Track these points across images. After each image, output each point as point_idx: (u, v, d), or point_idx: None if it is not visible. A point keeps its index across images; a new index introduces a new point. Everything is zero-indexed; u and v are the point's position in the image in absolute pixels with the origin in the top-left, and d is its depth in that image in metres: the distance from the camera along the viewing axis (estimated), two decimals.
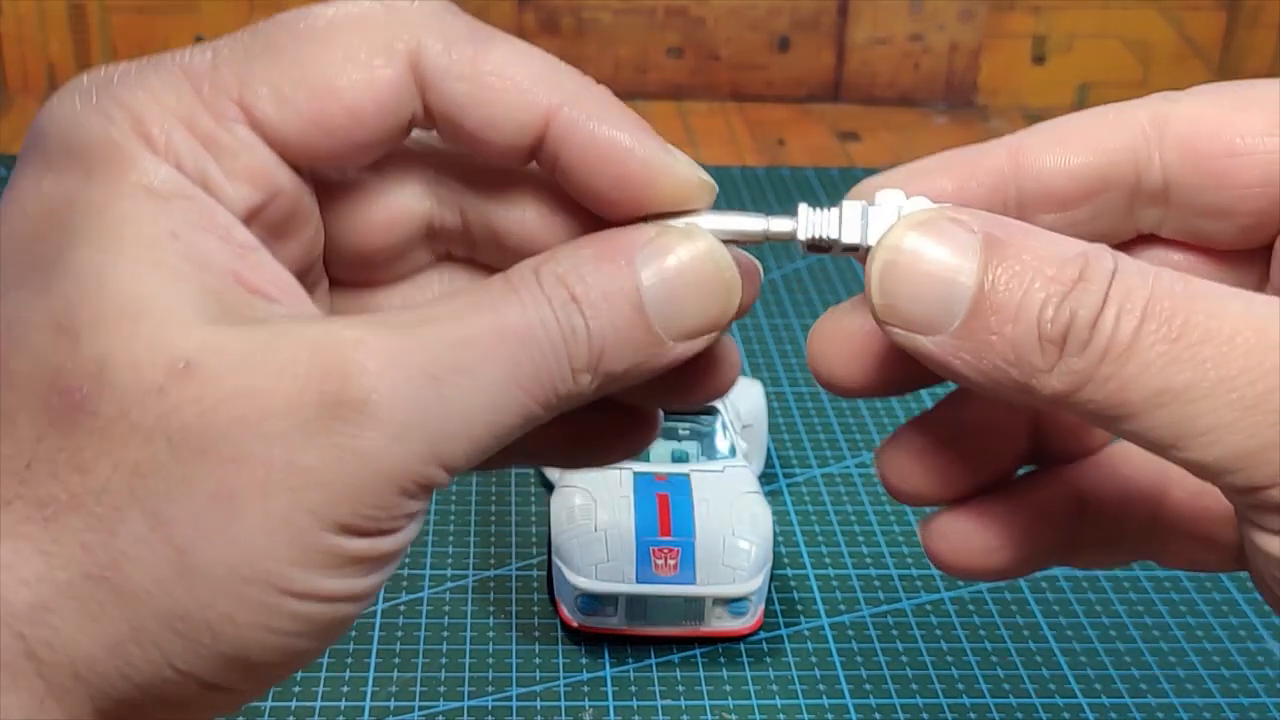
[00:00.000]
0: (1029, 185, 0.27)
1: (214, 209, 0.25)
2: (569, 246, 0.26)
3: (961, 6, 1.04)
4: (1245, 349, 0.23)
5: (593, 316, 0.25)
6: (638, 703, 0.48)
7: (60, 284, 0.24)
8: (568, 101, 0.26)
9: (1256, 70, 1.07)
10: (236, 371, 0.23)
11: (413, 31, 0.26)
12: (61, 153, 0.25)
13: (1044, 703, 0.48)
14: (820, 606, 0.53)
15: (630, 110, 0.27)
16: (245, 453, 0.23)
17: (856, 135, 1.01)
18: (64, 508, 0.23)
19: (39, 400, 0.23)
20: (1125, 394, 0.24)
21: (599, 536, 0.49)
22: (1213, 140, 0.26)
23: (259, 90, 0.25)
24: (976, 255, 0.25)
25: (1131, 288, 0.24)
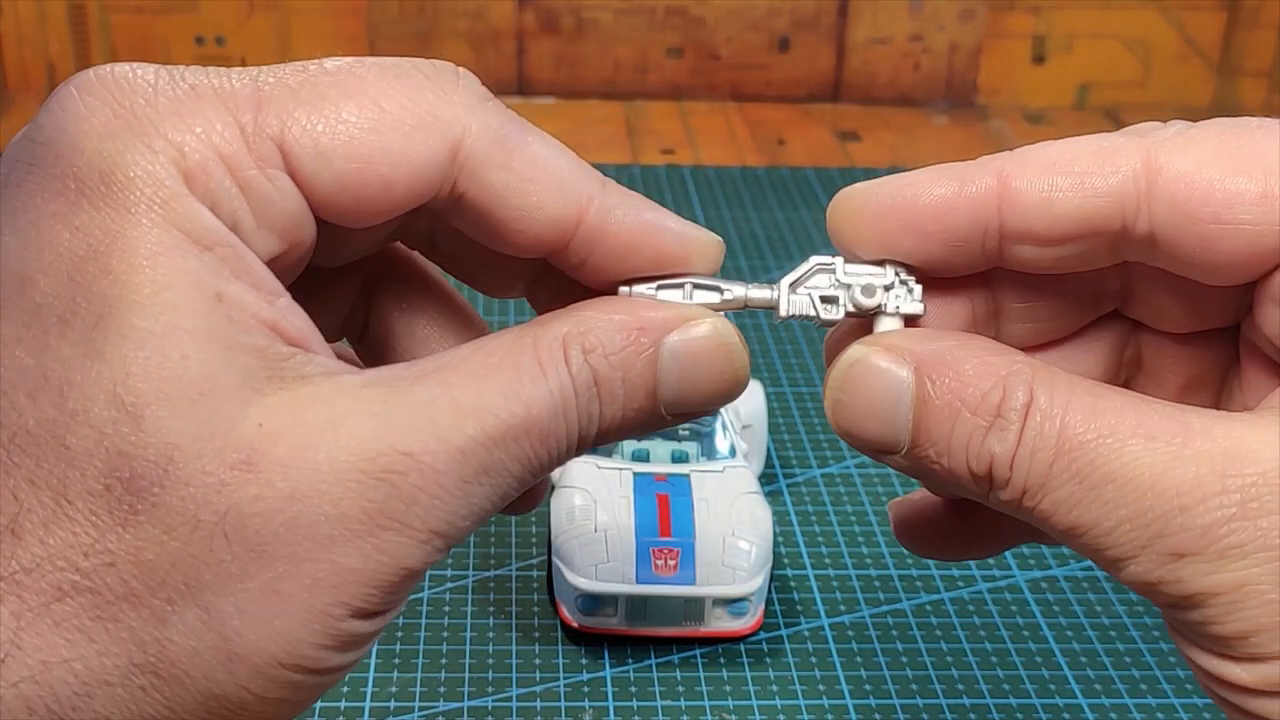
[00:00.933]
0: (1011, 219, 0.27)
1: (246, 256, 0.25)
2: (599, 314, 0.27)
3: (961, 6, 1.04)
4: (1139, 492, 0.25)
5: (609, 402, 0.26)
6: (638, 703, 0.48)
7: (118, 350, 0.23)
8: (597, 194, 0.28)
9: (1256, 70, 1.07)
10: (293, 470, 0.24)
11: (457, 114, 0.26)
12: (99, 181, 0.24)
13: (1044, 703, 0.48)
14: (820, 606, 0.53)
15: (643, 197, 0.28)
16: (297, 554, 0.24)
17: (856, 135, 1.01)
18: (120, 599, 0.23)
19: (99, 483, 0.23)
20: (1050, 522, 0.26)
21: (599, 537, 0.49)
22: (1203, 204, 0.26)
23: (301, 139, 0.25)
24: (911, 389, 0.26)
25: (1044, 425, 0.25)
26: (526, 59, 1.04)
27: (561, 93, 1.05)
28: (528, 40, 1.03)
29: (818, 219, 0.85)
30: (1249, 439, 0.24)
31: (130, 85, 0.25)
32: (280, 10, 1.01)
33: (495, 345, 0.26)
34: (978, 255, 0.28)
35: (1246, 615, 0.24)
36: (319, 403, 0.24)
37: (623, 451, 0.53)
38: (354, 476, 0.24)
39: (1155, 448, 0.25)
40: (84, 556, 0.23)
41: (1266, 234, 0.26)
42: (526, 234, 0.27)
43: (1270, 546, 0.24)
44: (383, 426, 0.24)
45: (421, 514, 0.24)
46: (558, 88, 1.05)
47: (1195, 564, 0.24)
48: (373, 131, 0.26)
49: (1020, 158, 0.28)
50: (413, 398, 0.25)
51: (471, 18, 1.02)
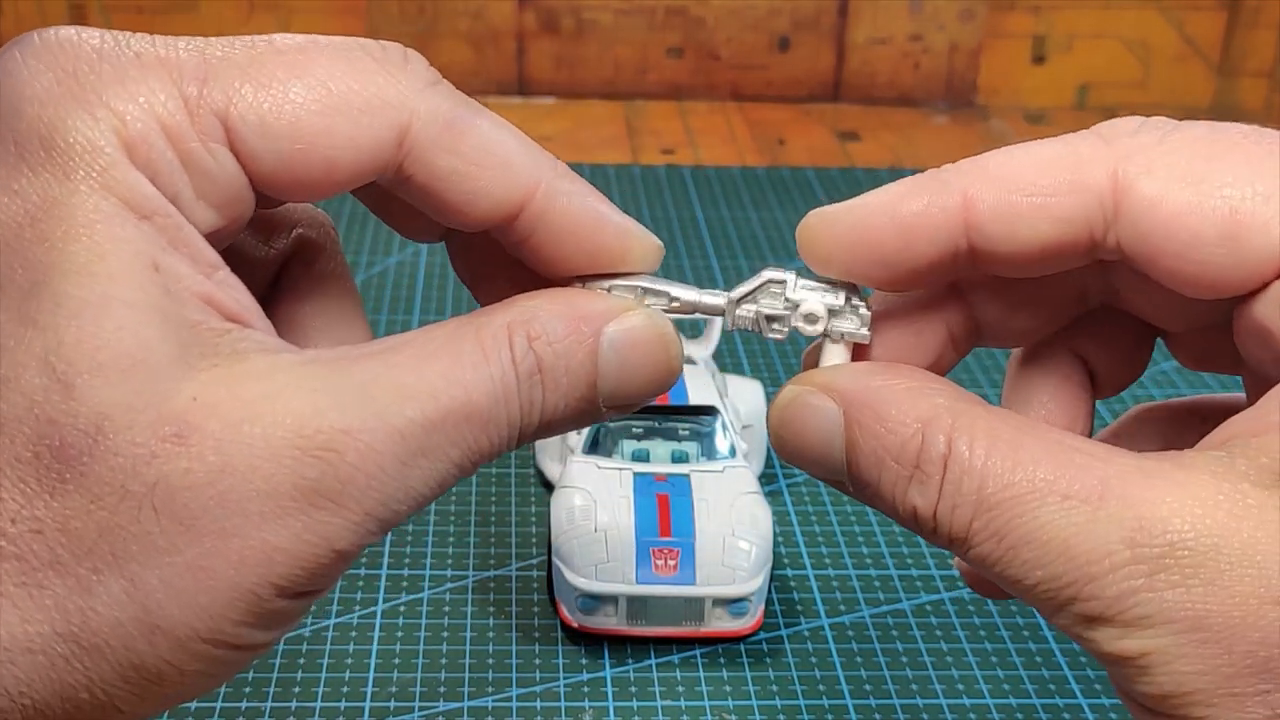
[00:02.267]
0: (979, 242, 0.27)
1: (185, 227, 0.25)
2: (541, 305, 0.27)
3: (961, 6, 1.04)
4: (1053, 556, 0.25)
5: (551, 390, 0.27)
6: (638, 703, 0.48)
7: (51, 317, 0.23)
8: (546, 178, 0.27)
9: (1256, 70, 1.07)
10: (226, 444, 0.24)
11: (405, 98, 0.26)
12: (39, 145, 0.24)
13: (1044, 703, 0.48)
14: (820, 607, 0.53)
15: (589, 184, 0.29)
16: (225, 529, 0.24)
17: (856, 135, 1.01)
18: (44, 565, 0.23)
19: (28, 450, 0.23)
20: (981, 570, 0.26)
21: (599, 537, 0.49)
22: (1167, 239, 0.26)
23: (246, 115, 0.25)
24: (842, 432, 0.27)
25: (964, 481, 0.25)
26: (526, 59, 1.04)
27: (561, 93, 1.05)
28: (528, 40, 1.03)
29: None
30: (1164, 502, 0.24)
31: (75, 50, 0.25)
32: (280, 10, 1.01)
33: (438, 332, 0.26)
34: (947, 272, 0.28)
35: (1153, 681, 0.24)
36: (255, 378, 0.24)
37: (623, 451, 0.53)
38: (288, 453, 0.24)
39: (1069, 509, 0.24)
40: (11, 523, 0.23)
41: (1228, 272, 0.26)
42: (472, 214, 0.27)
43: (1175, 619, 0.24)
44: (321, 403, 0.24)
45: (357, 494, 0.24)
46: (558, 88, 1.05)
47: (1106, 630, 0.24)
48: (319, 113, 0.26)
49: (984, 174, 0.27)
50: (352, 377, 0.25)
51: (471, 18, 1.02)
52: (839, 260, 0.28)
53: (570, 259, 0.28)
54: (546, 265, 0.29)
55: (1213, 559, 0.24)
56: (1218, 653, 0.24)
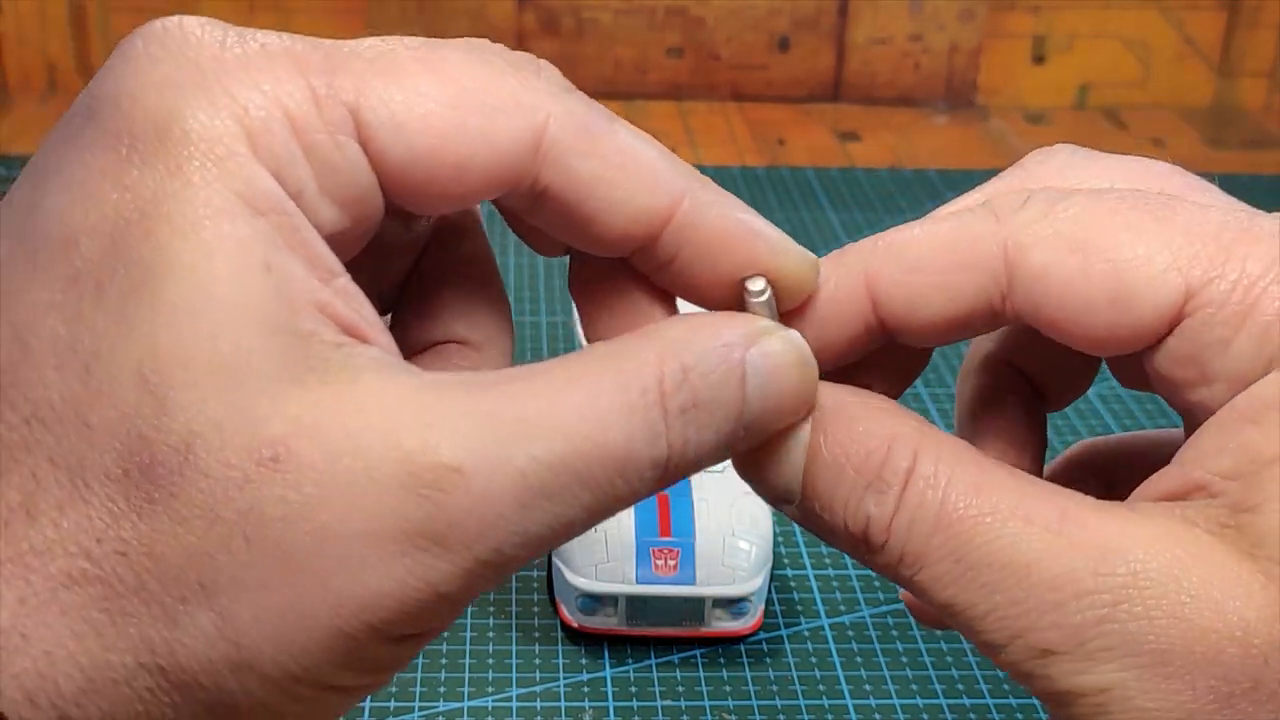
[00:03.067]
0: (888, 321, 0.27)
1: (304, 227, 0.23)
2: (691, 333, 0.25)
3: (961, 6, 1.04)
4: (1014, 579, 0.24)
5: (706, 425, 0.24)
6: (638, 703, 0.48)
7: (147, 322, 0.22)
8: (692, 188, 0.26)
9: (1256, 70, 1.07)
10: (324, 476, 0.22)
11: (540, 99, 0.25)
12: (154, 135, 0.22)
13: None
14: (820, 607, 0.53)
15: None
16: (324, 569, 0.22)
17: (856, 135, 1.01)
18: (129, 591, 0.22)
19: (118, 467, 0.22)
20: (926, 595, 0.25)
21: (599, 537, 0.49)
22: (1058, 308, 0.26)
23: (376, 108, 0.24)
24: (805, 441, 0.26)
25: (927, 494, 0.25)
26: None
27: None
28: (528, 40, 1.03)
29: (817, 219, 0.85)
30: (1124, 532, 0.24)
31: (198, 39, 0.23)
32: (280, 10, 1.01)
33: (575, 361, 0.24)
34: (867, 345, 0.28)
35: (1112, 719, 0.24)
36: (365, 403, 0.22)
37: None
38: (394, 490, 0.22)
39: (1032, 533, 0.24)
40: (96, 543, 0.21)
41: (1120, 331, 0.26)
42: (615, 228, 0.26)
43: (1137, 652, 0.23)
44: (433, 437, 0.22)
45: (467, 539, 0.22)
46: None
47: (1063, 663, 0.24)
48: (452, 108, 0.24)
49: (884, 254, 0.27)
50: (474, 408, 0.22)
51: (471, 18, 1.02)
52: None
53: (723, 281, 0.27)
54: (695, 289, 0.27)
55: (1174, 591, 0.23)
56: (1181, 688, 0.23)
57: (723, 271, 0.27)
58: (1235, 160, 0.99)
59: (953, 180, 0.91)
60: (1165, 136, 1.02)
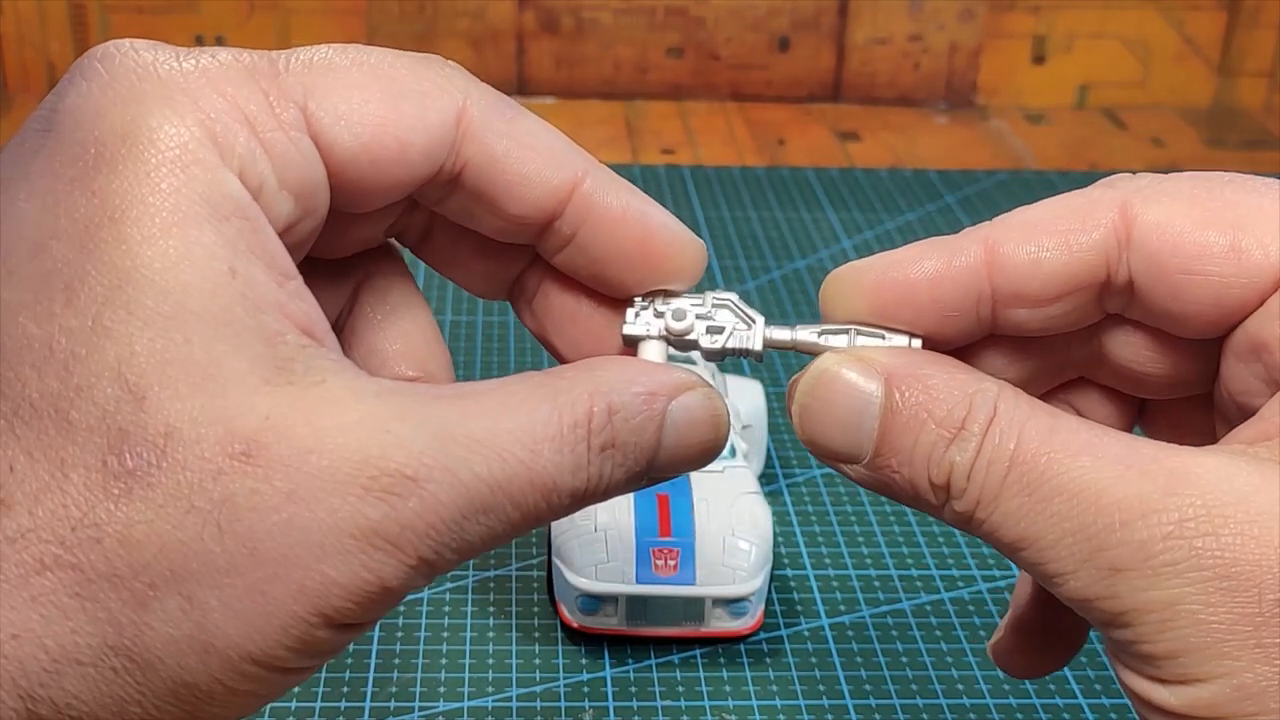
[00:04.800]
0: (1002, 284, 0.28)
1: (264, 229, 0.25)
2: (620, 376, 0.27)
3: (961, 6, 1.04)
4: (1084, 506, 0.25)
5: (619, 464, 0.26)
6: (638, 703, 0.48)
7: (124, 327, 0.23)
8: (591, 170, 0.28)
9: (1256, 70, 1.07)
10: (294, 470, 0.23)
11: (459, 84, 0.27)
12: (120, 143, 0.24)
13: (1044, 703, 0.48)
14: (820, 607, 0.53)
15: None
16: (288, 558, 0.23)
17: (856, 135, 1.01)
18: (101, 578, 0.23)
19: (96, 458, 0.23)
20: (998, 535, 0.26)
21: (599, 537, 0.49)
22: (1173, 256, 0.27)
23: (323, 103, 0.26)
24: (879, 400, 0.27)
25: (1002, 438, 0.26)
26: (526, 59, 1.04)
27: (561, 93, 1.05)
28: (528, 40, 1.03)
29: (817, 219, 0.85)
30: (1194, 464, 0.25)
31: (153, 57, 0.25)
32: (280, 10, 1.01)
33: (515, 387, 0.26)
34: (972, 323, 0.29)
35: (1175, 635, 0.24)
36: (329, 405, 0.24)
37: None
38: (355, 490, 0.24)
39: (1102, 465, 0.25)
40: (71, 530, 0.23)
41: (1232, 285, 0.27)
42: (526, 200, 0.28)
43: (1203, 566, 0.24)
44: (392, 444, 0.24)
45: (414, 539, 0.24)
46: (558, 88, 1.05)
47: (1130, 579, 0.24)
48: (388, 99, 0.26)
49: (1004, 224, 0.28)
50: (426, 420, 0.24)
51: (471, 18, 1.02)
52: (864, 312, 0.29)
53: (617, 257, 0.29)
54: (592, 268, 0.29)
55: (1242, 510, 0.24)
56: (1247, 601, 0.24)
57: (619, 245, 0.29)
58: (1235, 160, 0.99)
59: (953, 180, 0.91)
60: (1165, 136, 1.02)
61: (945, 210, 0.87)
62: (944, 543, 0.57)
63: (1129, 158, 0.97)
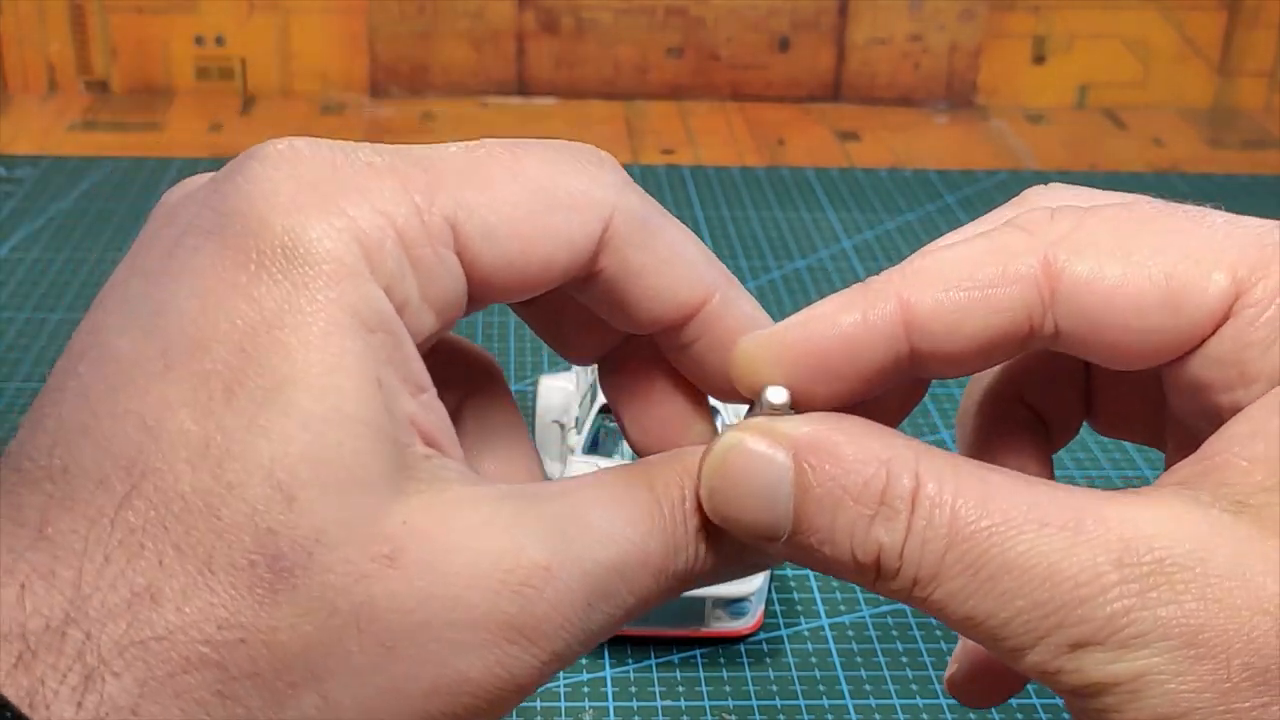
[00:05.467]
0: (920, 343, 0.27)
1: (405, 344, 0.25)
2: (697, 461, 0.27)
3: (961, 6, 1.04)
4: (1035, 582, 0.24)
5: (714, 545, 0.27)
6: (638, 703, 0.48)
7: (280, 427, 0.23)
8: (723, 286, 0.29)
9: (1256, 70, 1.07)
10: (433, 571, 0.24)
11: (607, 195, 0.27)
12: (279, 256, 0.24)
13: (1044, 703, 0.48)
14: (820, 607, 0.53)
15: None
16: (424, 655, 0.24)
17: (856, 135, 1.01)
18: (244, 675, 0.23)
19: (244, 559, 0.23)
20: (944, 613, 0.25)
21: None
22: (1106, 311, 0.26)
23: (472, 218, 0.26)
24: (790, 473, 0.26)
25: (934, 514, 0.25)
26: (526, 59, 1.04)
27: (561, 93, 1.05)
28: (528, 40, 1.03)
29: (817, 219, 0.85)
30: (1142, 521, 0.24)
31: (311, 160, 0.25)
32: (280, 10, 1.01)
33: (613, 479, 0.27)
34: (891, 378, 0.28)
35: (1145, 705, 0.24)
36: (460, 508, 0.25)
37: (623, 452, 0.53)
38: (492, 585, 0.24)
39: (1048, 535, 0.24)
40: (217, 629, 0.23)
41: (1169, 334, 0.26)
42: (652, 313, 0.28)
43: (1169, 635, 0.23)
44: (521, 540, 0.24)
45: (549, 632, 0.24)
46: (558, 88, 1.05)
47: (1095, 654, 0.24)
48: (538, 213, 0.26)
49: (917, 277, 0.27)
50: (546, 514, 0.25)
51: (471, 18, 1.02)
52: (780, 382, 0.28)
53: (725, 371, 0.29)
54: (705, 375, 0.30)
55: (1201, 573, 0.23)
56: (1215, 668, 0.23)
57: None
58: (1235, 160, 0.99)
59: (953, 180, 0.91)
60: (1165, 136, 1.02)
61: (945, 210, 0.87)
62: None
63: (1129, 158, 0.97)
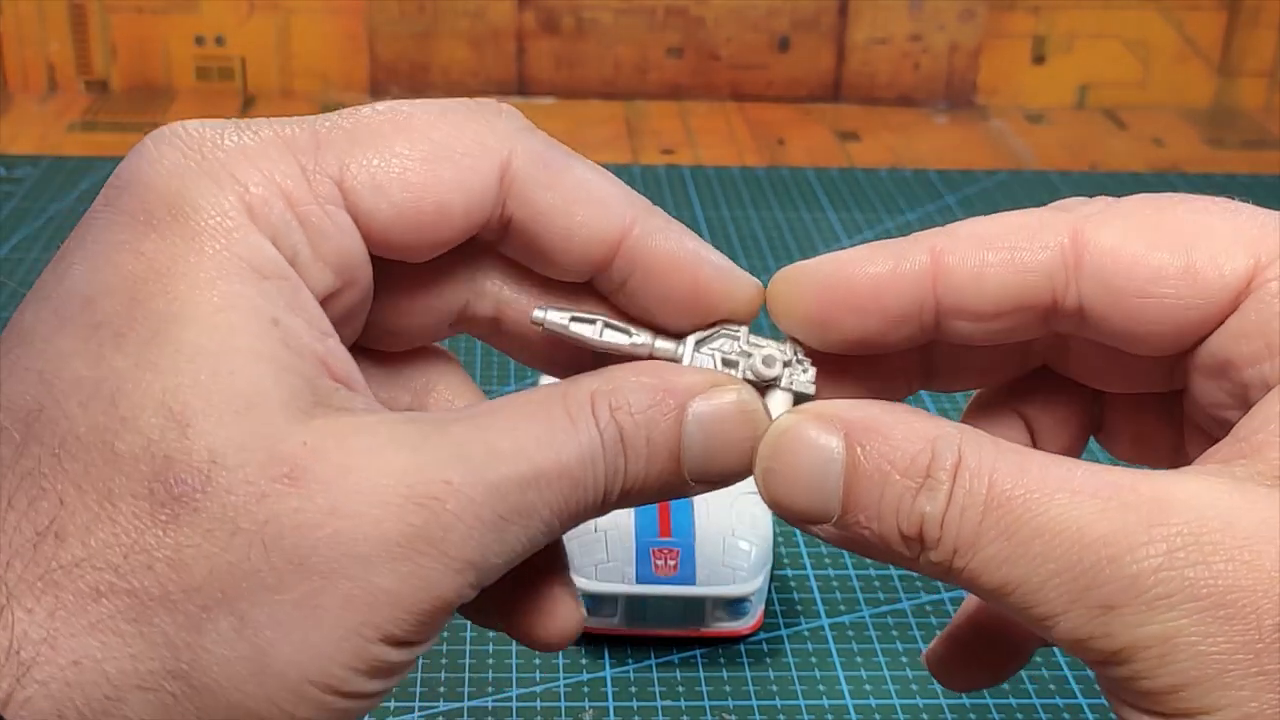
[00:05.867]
0: (946, 295, 0.28)
1: (302, 291, 0.26)
2: (628, 374, 0.27)
3: (961, 6, 1.04)
4: (1066, 545, 0.24)
5: (634, 460, 0.27)
6: (638, 703, 0.48)
7: (170, 361, 0.24)
8: (640, 215, 0.28)
9: (1256, 70, 1.07)
10: (335, 488, 0.24)
11: (502, 140, 0.27)
12: (166, 212, 0.25)
13: (1044, 703, 0.48)
14: (820, 607, 0.53)
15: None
16: (334, 569, 0.24)
17: (856, 135, 1.01)
18: (155, 602, 0.23)
19: (143, 486, 0.24)
20: (980, 583, 0.26)
21: (599, 537, 0.49)
22: (1128, 279, 0.27)
23: (359, 175, 0.26)
24: (841, 456, 0.26)
25: (974, 482, 0.25)
26: (526, 59, 1.04)
27: (561, 93, 1.05)
28: (528, 40, 1.03)
29: (817, 219, 0.85)
30: (1174, 490, 0.24)
31: (200, 134, 0.26)
32: (280, 10, 1.01)
33: (528, 398, 0.27)
34: (915, 330, 0.29)
35: (1175, 668, 0.24)
36: (362, 431, 0.25)
37: None
38: (395, 499, 0.24)
39: (1080, 501, 0.25)
40: (123, 557, 0.23)
41: (1190, 307, 0.27)
42: (571, 253, 0.28)
43: (1197, 597, 0.23)
44: (423, 459, 0.25)
45: (458, 542, 0.25)
46: (558, 88, 1.05)
47: (1124, 616, 0.24)
48: (425, 161, 0.27)
49: (952, 234, 0.28)
50: (450, 437, 0.25)
51: (471, 18, 1.02)
52: (809, 314, 0.29)
53: (669, 302, 0.29)
54: (647, 310, 0.29)
55: (1230, 535, 0.24)
56: (1245, 629, 0.23)
57: (670, 292, 0.29)
58: (1235, 160, 0.99)
59: (953, 180, 0.91)
60: (1165, 136, 1.02)
61: (945, 210, 0.87)
62: None
63: (1129, 158, 0.97)
